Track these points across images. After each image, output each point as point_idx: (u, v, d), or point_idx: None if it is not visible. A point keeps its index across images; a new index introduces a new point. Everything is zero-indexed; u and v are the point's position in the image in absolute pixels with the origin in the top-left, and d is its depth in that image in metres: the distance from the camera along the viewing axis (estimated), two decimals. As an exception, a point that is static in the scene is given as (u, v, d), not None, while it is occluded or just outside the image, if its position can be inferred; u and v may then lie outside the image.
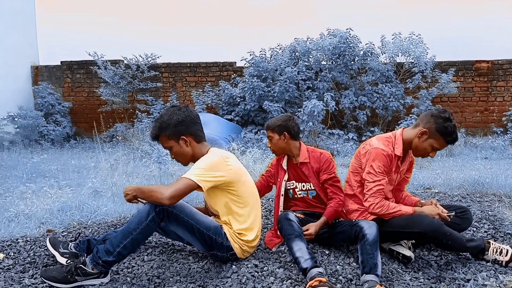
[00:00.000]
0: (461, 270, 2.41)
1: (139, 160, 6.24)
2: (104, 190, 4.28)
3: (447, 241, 2.39)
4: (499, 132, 9.17)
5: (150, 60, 10.00)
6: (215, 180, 2.30)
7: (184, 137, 2.40)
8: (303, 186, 2.89)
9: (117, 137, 8.89)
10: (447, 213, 2.53)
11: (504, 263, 2.43)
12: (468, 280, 2.28)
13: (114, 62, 9.96)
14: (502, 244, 2.63)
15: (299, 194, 2.90)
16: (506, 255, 2.44)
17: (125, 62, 9.99)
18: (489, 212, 3.35)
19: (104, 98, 9.82)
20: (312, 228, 2.60)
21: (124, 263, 2.56)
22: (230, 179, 2.36)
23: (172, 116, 2.40)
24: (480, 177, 4.61)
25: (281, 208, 2.90)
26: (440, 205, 2.64)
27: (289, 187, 2.92)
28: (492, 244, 2.50)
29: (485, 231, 3.01)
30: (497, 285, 2.14)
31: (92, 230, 3.14)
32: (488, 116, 9.83)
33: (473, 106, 9.87)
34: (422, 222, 2.36)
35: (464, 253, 2.57)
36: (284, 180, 2.90)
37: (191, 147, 2.43)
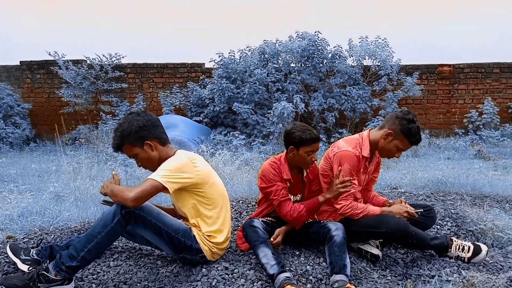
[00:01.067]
0: (426, 267, 2.48)
1: (104, 163, 6.08)
2: (67, 195, 4.15)
3: (413, 240, 2.45)
4: (460, 133, 9.53)
5: (115, 60, 9.80)
6: (182, 181, 2.26)
7: (148, 141, 2.35)
8: (294, 198, 2.74)
9: (80, 139, 8.63)
10: (415, 211, 2.61)
11: (466, 259, 2.52)
12: (433, 276, 2.34)
13: (76, 62, 9.70)
14: (464, 241, 2.71)
15: None
16: (468, 251, 2.52)
17: (88, 62, 9.74)
18: (452, 211, 3.45)
19: (66, 99, 9.54)
20: (280, 236, 2.59)
21: (88, 269, 2.48)
22: (197, 181, 2.32)
23: (132, 122, 2.34)
24: (443, 177, 4.75)
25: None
26: (408, 204, 2.70)
27: None
28: (455, 241, 2.58)
29: (448, 229, 3.11)
30: (460, 280, 2.21)
31: (54, 236, 3.02)
32: (450, 118, 10.20)
33: (436, 108, 10.22)
34: (389, 223, 2.43)
35: (428, 251, 2.63)
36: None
37: (157, 151, 2.37)
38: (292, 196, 2.72)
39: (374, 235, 2.56)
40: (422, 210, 2.68)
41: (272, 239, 2.53)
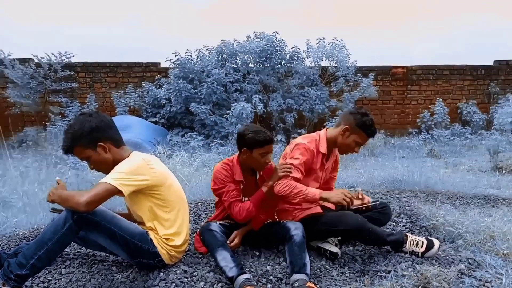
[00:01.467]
0: (383, 263, 2.54)
1: (53, 167, 5.83)
2: (14, 200, 3.98)
3: (370, 236, 2.52)
4: (414, 132, 9.88)
5: (64, 59, 9.41)
6: (137, 184, 2.18)
7: (101, 143, 2.25)
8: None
9: (27, 142, 8.22)
10: (371, 201, 2.73)
11: (420, 254, 2.60)
12: (389, 272, 2.40)
13: (23, 61, 9.25)
14: (418, 236, 2.79)
15: None
16: (422, 246, 2.61)
17: (36, 60, 9.30)
18: (407, 207, 3.57)
19: (12, 100, 9.07)
20: (237, 239, 2.59)
21: (39, 277, 2.38)
22: (153, 183, 2.25)
23: (84, 123, 2.23)
24: (398, 175, 4.92)
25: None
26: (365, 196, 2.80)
27: None
28: (409, 237, 2.66)
29: (403, 225, 3.21)
30: (415, 274, 2.27)
31: (1, 243, 2.91)
32: (404, 118, 10.59)
33: (391, 108, 10.58)
34: (347, 220, 2.48)
35: (385, 247, 2.70)
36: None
37: (110, 153, 2.27)
38: (245, 198, 2.67)
39: (333, 233, 2.61)
40: (378, 202, 2.77)
41: (229, 242, 2.52)
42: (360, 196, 2.78)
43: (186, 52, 9.11)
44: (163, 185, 2.31)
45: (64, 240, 2.10)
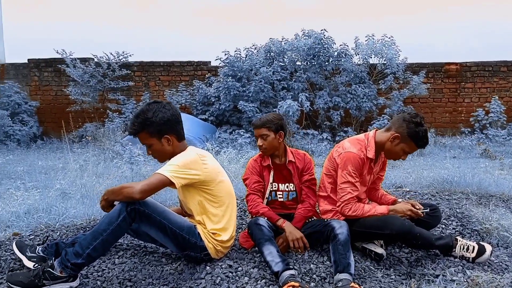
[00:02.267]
0: (431, 266, 2.47)
1: (110, 161, 6.11)
2: (73, 192, 4.16)
3: (417, 241, 2.44)
4: (467, 132, 9.47)
5: (122, 59, 9.83)
6: (189, 178, 2.26)
7: (167, 136, 2.35)
8: (286, 186, 2.85)
9: (86, 137, 8.68)
10: (422, 209, 2.59)
11: (471, 259, 2.50)
12: (437, 276, 2.33)
13: (84, 60, 9.73)
14: (469, 240, 2.70)
15: (280, 197, 2.85)
16: (473, 251, 2.51)
17: (96, 60, 9.77)
18: (457, 210, 3.44)
19: (73, 97, 9.58)
20: (282, 239, 2.61)
21: (94, 266, 2.49)
22: (205, 178, 2.32)
23: (157, 113, 2.33)
24: (448, 176, 4.74)
25: None
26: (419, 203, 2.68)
27: (272, 189, 2.85)
28: (460, 241, 2.57)
29: (453, 228, 3.10)
30: (465, 280, 2.20)
31: (60, 233, 3.05)
32: (456, 117, 10.14)
33: (442, 107, 10.16)
34: (393, 225, 2.41)
35: (433, 250, 2.62)
36: (270, 183, 2.83)
37: (172, 146, 2.38)
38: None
39: (378, 236, 2.55)
40: (428, 209, 2.66)
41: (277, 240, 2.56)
42: (417, 207, 2.64)
43: (235, 51, 9.24)
44: (214, 181, 2.37)
45: (118, 231, 2.19)
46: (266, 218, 2.63)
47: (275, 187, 2.84)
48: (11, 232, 3.07)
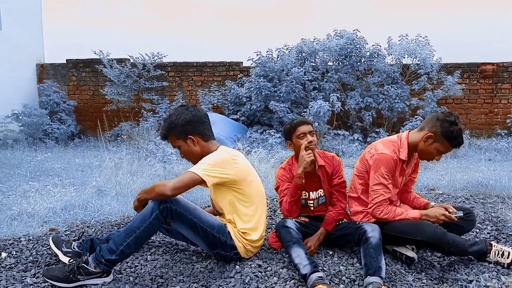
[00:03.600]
0: (464, 271, 2.41)
1: (144, 159, 6.25)
2: (108, 189, 4.28)
3: (450, 248, 2.40)
4: (503, 134, 9.13)
5: (156, 59, 10.00)
6: (221, 176, 2.30)
7: (191, 136, 2.42)
8: (317, 194, 2.81)
9: (122, 136, 8.90)
10: (456, 213, 2.53)
11: (506, 265, 2.43)
12: (471, 281, 2.28)
13: (120, 61, 9.97)
14: (505, 245, 2.62)
15: (310, 205, 2.82)
16: (508, 257, 2.44)
17: (131, 61, 9.99)
18: (492, 214, 3.35)
19: (109, 97, 9.84)
20: (311, 243, 2.60)
21: (127, 263, 2.56)
22: (236, 177, 2.36)
23: (180, 116, 2.42)
24: (483, 179, 4.61)
25: None
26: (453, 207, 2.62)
27: (302, 198, 2.80)
28: (494, 246, 2.50)
29: (488, 233, 3.02)
30: (499, 286, 2.15)
31: (95, 229, 3.14)
32: (492, 118, 9.80)
33: (478, 108, 9.85)
34: (425, 231, 2.37)
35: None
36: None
37: (199, 146, 2.44)
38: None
39: (409, 242, 2.52)
40: (461, 213, 2.59)
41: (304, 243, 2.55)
42: (450, 211, 2.58)
43: (267, 52, 9.25)
44: (245, 180, 2.41)
45: (151, 228, 2.25)
46: (294, 219, 2.64)
47: (305, 196, 2.81)
48: (48, 227, 3.19)
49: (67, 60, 10.75)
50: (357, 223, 2.61)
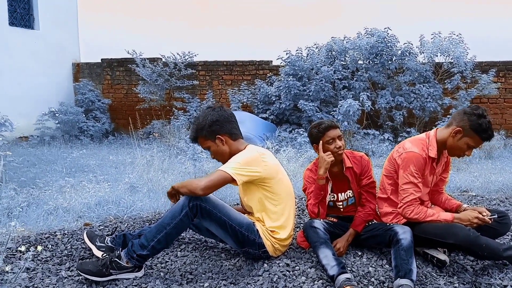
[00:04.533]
0: (498, 276, 2.36)
1: (175, 157, 6.34)
2: (140, 186, 4.36)
3: (483, 252, 2.34)
4: (541, 134, 8.79)
5: (187, 58, 10.11)
6: (250, 174, 2.33)
7: (219, 136, 2.46)
8: (346, 195, 2.79)
9: (153, 133, 9.05)
10: (490, 216, 2.46)
11: None
12: (505, 286, 2.23)
13: (152, 60, 10.13)
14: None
15: (339, 206, 2.81)
16: None
17: (163, 60, 10.14)
18: (528, 217, 3.23)
19: (141, 96, 10.03)
20: (339, 244, 2.59)
21: (157, 258, 2.62)
22: (265, 175, 2.38)
23: (206, 117, 2.47)
24: (519, 181, 4.46)
25: None
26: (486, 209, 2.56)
27: (330, 200, 2.81)
28: None
29: (523, 237, 2.92)
30: (534, 291, 2.08)
31: (128, 224, 3.22)
32: (529, 118, 9.44)
33: (514, 107, 9.50)
34: (458, 235, 2.33)
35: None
36: (329, 193, 2.78)
37: (227, 145, 2.48)
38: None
39: (441, 244, 2.47)
40: (496, 216, 2.52)
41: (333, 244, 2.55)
42: (484, 214, 2.50)
43: (296, 50, 9.22)
44: (274, 179, 2.43)
45: (181, 225, 2.30)
46: (322, 220, 2.63)
47: (334, 198, 2.80)
48: (83, 222, 3.29)
49: (101, 59, 11.02)
50: (387, 224, 2.59)
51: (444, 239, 2.38)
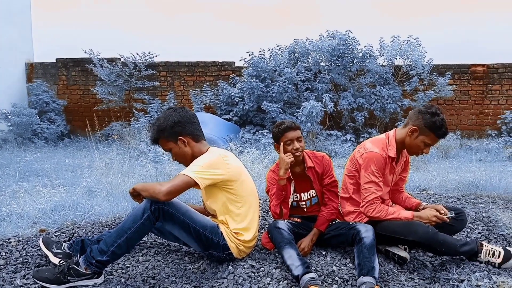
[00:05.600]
0: (455, 271, 2.43)
1: (135, 160, 6.21)
2: (99, 190, 4.24)
3: (441, 248, 2.41)
4: (493, 134, 9.25)
5: (148, 59, 9.95)
6: (213, 178, 2.29)
7: (181, 137, 2.40)
8: (309, 194, 2.80)
9: (112, 136, 8.84)
10: (448, 214, 2.55)
11: (496, 264, 2.46)
12: (462, 281, 2.30)
13: (111, 60, 9.90)
14: (496, 245, 2.64)
15: (303, 205, 2.81)
16: (499, 257, 2.46)
17: (122, 60, 9.92)
18: (483, 214, 3.38)
19: (99, 97, 9.76)
20: (304, 244, 2.59)
21: (118, 264, 2.54)
22: (228, 178, 2.35)
23: (168, 118, 2.41)
24: (474, 179, 4.66)
25: None
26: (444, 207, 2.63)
27: (294, 200, 2.81)
28: (485, 246, 2.52)
29: (479, 232, 3.04)
30: (490, 285, 2.16)
31: (86, 230, 3.11)
32: (483, 119, 9.91)
33: (468, 109, 9.95)
34: (417, 232, 2.39)
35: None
36: (292, 194, 2.78)
37: (190, 147, 2.43)
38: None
39: (401, 242, 2.53)
40: (453, 213, 2.61)
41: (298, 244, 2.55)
42: (442, 212, 2.58)
43: (259, 52, 9.25)
44: (237, 181, 2.40)
45: (142, 229, 2.23)
46: (286, 220, 2.63)
47: (297, 198, 2.80)
48: (38, 228, 3.15)
49: (56, 59, 10.66)
50: (350, 223, 2.62)
51: (405, 236, 2.43)
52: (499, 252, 2.47)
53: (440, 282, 2.33)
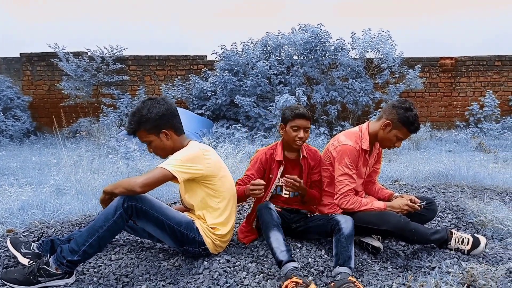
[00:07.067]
0: (427, 259, 2.50)
1: (105, 156, 6.08)
2: (68, 188, 4.14)
3: (413, 236, 2.47)
4: (462, 126, 9.54)
5: (116, 52, 9.74)
6: (192, 172, 2.25)
7: (165, 130, 2.34)
8: None
9: (80, 132, 8.62)
10: (419, 203, 2.61)
11: (466, 251, 2.53)
12: (433, 268, 2.36)
13: (77, 54, 9.65)
14: (465, 233, 2.72)
15: (285, 194, 2.78)
16: (468, 244, 2.54)
17: (89, 54, 9.68)
18: (453, 203, 3.47)
19: (66, 92, 9.51)
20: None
21: (90, 263, 2.48)
22: (207, 173, 2.31)
23: (151, 109, 2.32)
24: (444, 169, 4.78)
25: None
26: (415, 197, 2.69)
27: (278, 184, 2.77)
28: (455, 234, 2.59)
29: (449, 221, 3.14)
30: (460, 272, 2.21)
31: (55, 229, 3.03)
32: (452, 111, 10.20)
33: (438, 101, 10.22)
34: (390, 221, 2.44)
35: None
36: (278, 178, 2.74)
37: (171, 141, 2.37)
38: (280, 180, 2.72)
39: (374, 232, 2.57)
40: (424, 202, 2.67)
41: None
42: (413, 202, 2.65)
43: (231, 45, 9.19)
44: (216, 176, 2.37)
45: (115, 228, 2.17)
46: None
47: (282, 183, 2.75)
48: (5, 228, 3.04)
49: (20, 54, 10.32)
50: (329, 215, 2.62)
51: (378, 226, 2.48)
52: (468, 239, 2.54)
53: (412, 270, 2.38)
